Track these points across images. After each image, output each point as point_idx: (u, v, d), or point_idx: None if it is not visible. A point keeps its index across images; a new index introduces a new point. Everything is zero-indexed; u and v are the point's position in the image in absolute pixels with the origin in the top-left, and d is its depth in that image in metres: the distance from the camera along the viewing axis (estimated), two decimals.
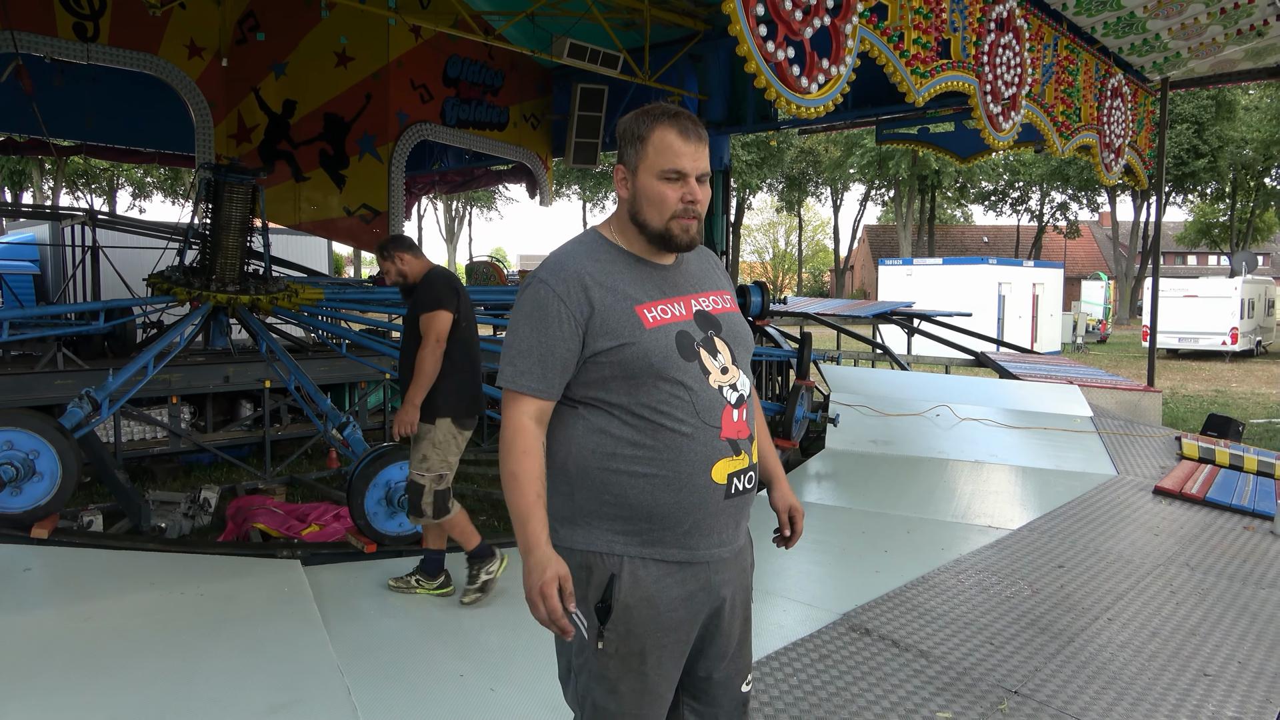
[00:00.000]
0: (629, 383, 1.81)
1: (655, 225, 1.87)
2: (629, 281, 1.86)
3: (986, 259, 25.78)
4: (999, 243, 53.98)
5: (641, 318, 1.82)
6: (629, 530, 1.83)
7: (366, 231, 9.60)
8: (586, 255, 1.89)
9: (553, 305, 1.81)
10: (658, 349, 1.81)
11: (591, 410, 1.85)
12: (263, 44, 9.14)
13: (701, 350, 1.86)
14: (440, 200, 44.66)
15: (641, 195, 1.87)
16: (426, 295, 4.12)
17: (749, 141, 37.30)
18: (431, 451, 4.11)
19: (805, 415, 7.54)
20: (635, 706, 1.86)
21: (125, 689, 3.13)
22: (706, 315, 1.92)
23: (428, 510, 4.10)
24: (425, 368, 4.03)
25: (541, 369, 1.82)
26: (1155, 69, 10.28)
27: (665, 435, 1.81)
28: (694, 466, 1.82)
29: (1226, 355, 22.71)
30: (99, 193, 38.12)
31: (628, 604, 1.81)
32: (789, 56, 5.23)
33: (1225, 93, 35.21)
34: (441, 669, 3.39)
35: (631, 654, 1.83)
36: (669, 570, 1.84)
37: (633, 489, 1.81)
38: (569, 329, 1.81)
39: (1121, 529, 5.51)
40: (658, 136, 1.84)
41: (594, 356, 1.82)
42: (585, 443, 1.84)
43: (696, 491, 1.83)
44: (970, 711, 3.10)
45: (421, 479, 4.10)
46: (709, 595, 1.90)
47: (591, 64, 8.12)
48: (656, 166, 1.84)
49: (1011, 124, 7.49)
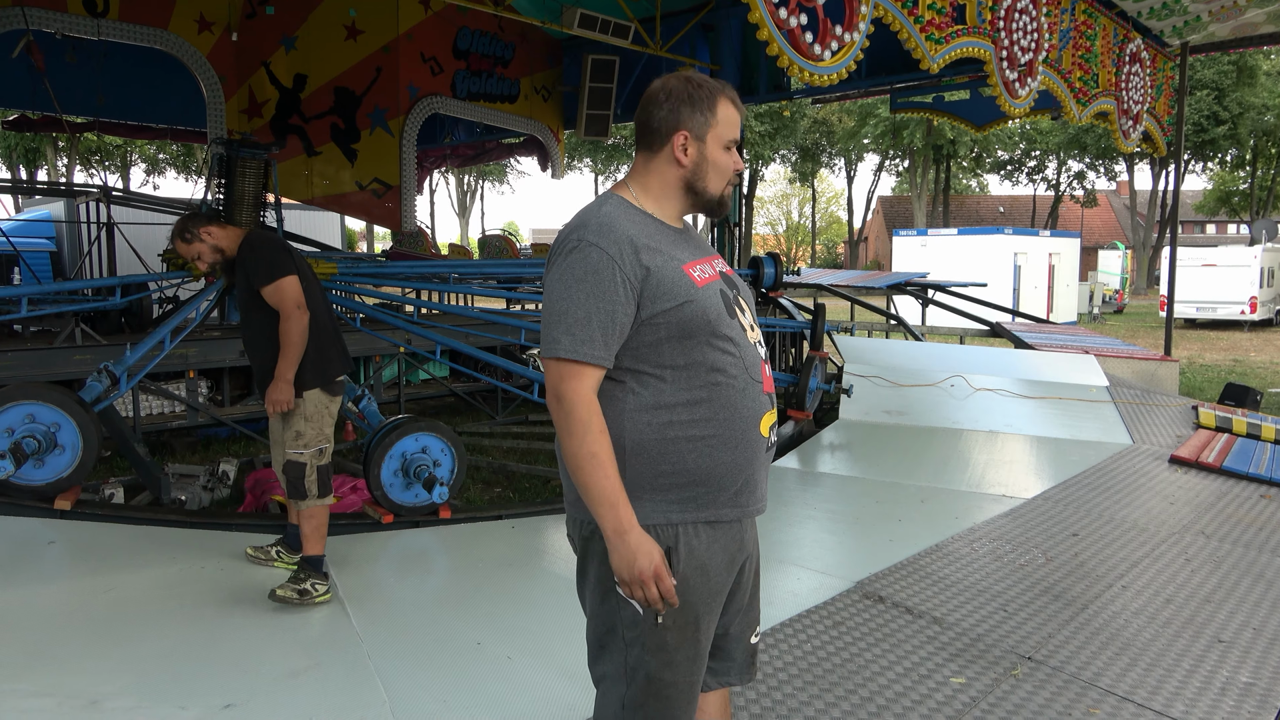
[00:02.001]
0: (684, 343, 1.82)
1: (714, 191, 1.93)
2: (668, 243, 1.88)
3: (1002, 229, 25.53)
4: (1015, 212, 53.51)
5: (691, 277, 1.85)
6: (685, 497, 1.83)
7: (379, 206, 9.60)
8: (625, 217, 1.85)
9: (607, 268, 1.76)
10: (713, 306, 1.84)
11: (640, 379, 1.82)
12: (272, 18, 9.10)
13: (736, 308, 1.92)
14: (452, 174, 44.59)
15: (710, 163, 1.91)
16: (259, 265, 3.77)
17: (762, 112, 37.01)
18: (305, 426, 3.84)
19: (819, 386, 7.52)
20: (689, 674, 1.88)
21: (146, 658, 3.19)
22: (728, 276, 1.97)
23: (312, 489, 3.83)
24: (293, 339, 3.72)
25: (604, 336, 1.75)
26: (1175, 33, 10.10)
27: (722, 392, 1.83)
28: (747, 421, 1.86)
29: (1245, 324, 22.49)
30: (113, 169, 38.25)
31: (685, 574, 1.82)
32: (802, 23, 5.18)
33: (1246, 58, 34.60)
34: (459, 637, 3.43)
35: (688, 623, 1.85)
36: (716, 534, 1.86)
37: (691, 453, 1.82)
38: (625, 293, 1.76)
39: (1137, 497, 5.50)
40: (723, 108, 1.90)
41: (651, 319, 1.79)
42: (639, 416, 1.81)
43: (750, 446, 1.87)
44: (983, 677, 3.12)
45: (301, 456, 3.83)
46: (742, 553, 1.95)
47: (602, 34, 8.05)
48: (725, 137, 1.91)
49: (1028, 91, 7.39)
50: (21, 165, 32.78)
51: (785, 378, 7.70)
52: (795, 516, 5.15)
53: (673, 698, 1.87)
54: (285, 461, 3.84)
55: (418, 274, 7.44)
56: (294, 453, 3.83)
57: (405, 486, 4.85)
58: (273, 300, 3.73)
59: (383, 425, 4.96)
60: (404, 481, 4.85)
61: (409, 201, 9.45)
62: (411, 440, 4.86)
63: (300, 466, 3.82)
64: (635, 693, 1.87)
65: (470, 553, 4.57)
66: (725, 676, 2.05)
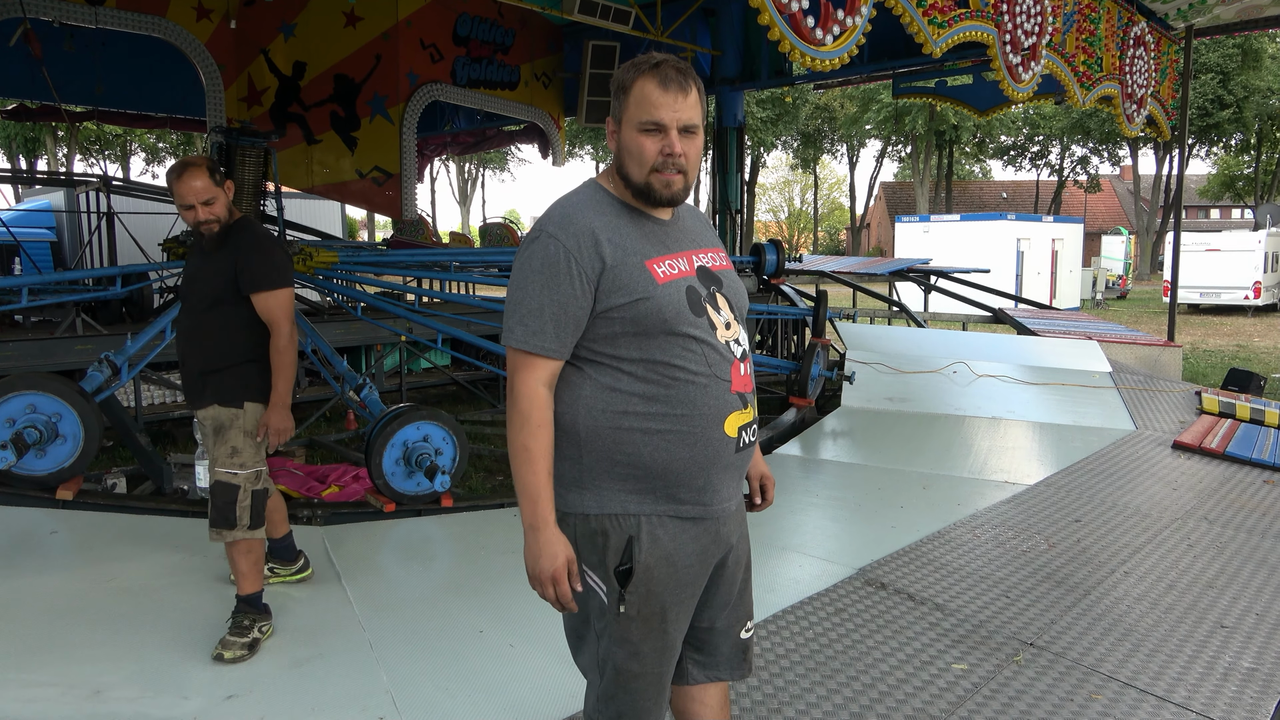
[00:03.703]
0: (641, 338, 1.78)
1: (636, 179, 1.82)
2: (635, 236, 1.82)
3: (1005, 215, 25.46)
4: (1018, 198, 53.30)
5: (652, 272, 1.79)
6: (643, 489, 1.81)
7: (380, 194, 9.56)
8: (591, 208, 1.83)
9: (563, 261, 1.75)
10: (670, 304, 1.78)
11: (599, 369, 1.81)
12: (271, 5, 9.05)
13: (708, 306, 1.85)
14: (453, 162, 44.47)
15: (623, 148, 1.82)
16: (263, 265, 3.32)
17: (764, 98, 36.80)
18: (245, 443, 3.32)
19: (821, 373, 7.52)
20: (657, 665, 1.87)
21: (149, 647, 3.20)
22: (708, 271, 1.90)
23: (243, 518, 3.29)
24: (289, 358, 3.32)
25: (555, 328, 1.76)
26: (1180, 16, 10.03)
27: (680, 388, 1.79)
28: (708, 420, 1.81)
29: (1249, 310, 22.43)
30: (112, 159, 38.19)
31: (648, 565, 1.81)
32: (803, 8, 5.14)
33: (1252, 41, 34.35)
34: (461, 625, 3.44)
35: (653, 614, 1.83)
36: (684, 527, 1.84)
37: (647, 447, 1.79)
38: (580, 286, 1.76)
39: (1139, 483, 5.49)
40: (638, 87, 1.79)
41: (606, 312, 1.78)
42: (595, 402, 1.80)
43: (711, 445, 1.81)
44: (985, 663, 3.12)
45: (235, 478, 3.28)
46: (719, 547, 1.91)
47: (603, 20, 7.99)
48: (636, 118, 1.79)
49: (1031, 75, 7.34)
50: (21, 155, 32.74)
51: (787, 365, 7.69)
52: (797, 503, 5.14)
53: (639, 690, 1.86)
54: (215, 482, 3.30)
55: (419, 262, 7.42)
56: (227, 473, 3.29)
57: (407, 475, 4.85)
58: (264, 308, 3.30)
59: (384, 414, 4.95)
60: (406, 470, 4.85)
61: (409, 190, 9.42)
62: (413, 429, 4.86)
63: (233, 490, 3.28)
64: (607, 684, 1.88)
65: (472, 541, 4.58)
66: (714, 670, 2.03)
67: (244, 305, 3.31)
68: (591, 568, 1.83)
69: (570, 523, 1.84)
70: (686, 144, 1.80)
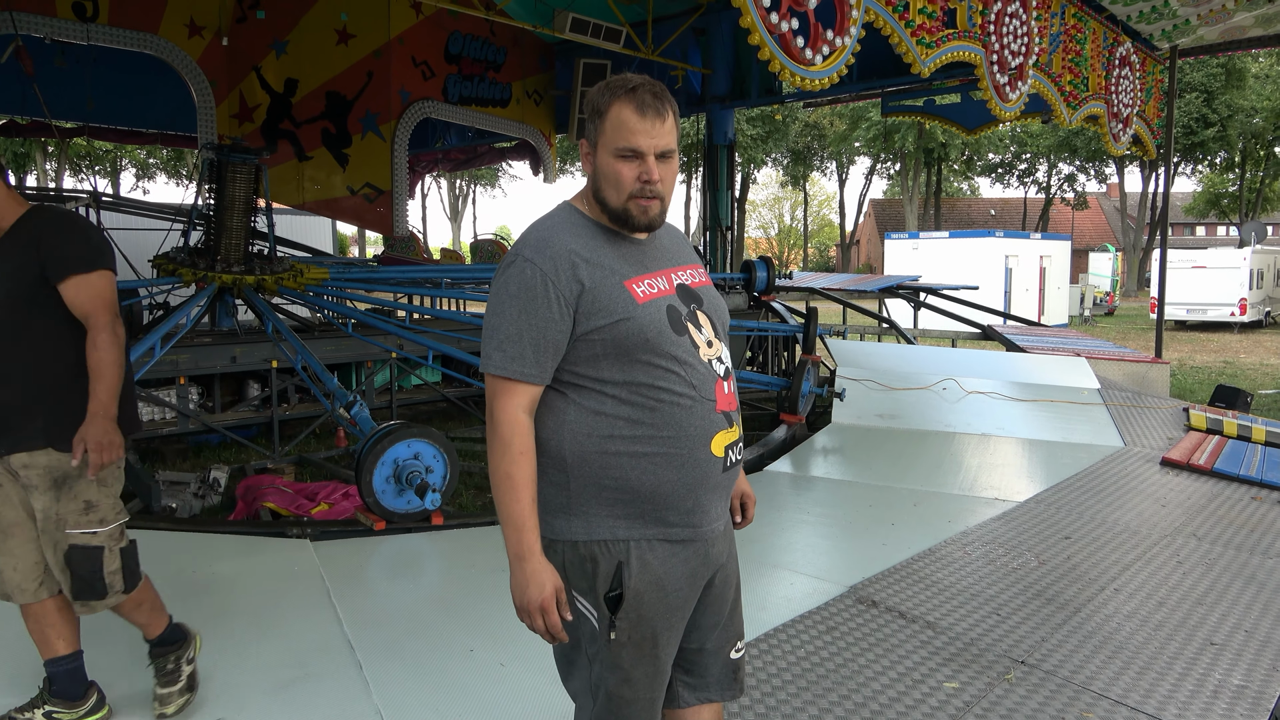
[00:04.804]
0: (622, 360, 1.77)
1: (613, 204, 1.80)
2: (612, 256, 1.81)
3: (993, 231, 25.65)
4: (1005, 215, 53.66)
5: (632, 293, 1.78)
6: (632, 514, 1.79)
7: (370, 211, 9.58)
8: (568, 230, 1.82)
9: (540, 285, 1.73)
10: (652, 324, 1.77)
11: (583, 393, 1.79)
12: (263, 22, 9.09)
13: (689, 324, 1.83)
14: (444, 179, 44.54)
15: (600, 173, 1.81)
16: (76, 245, 2.59)
17: (753, 116, 37.04)
18: (100, 494, 2.62)
19: (811, 390, 7.53)
20: (649, 690, 1.85)
21: (136, 667, 3.17)
22: (688, 289, 1.88)
23: (115, 583, 2.64)
24: (109, 359, 2.54)
25: (535, 353, 1.74)
26: (1164, 36, 10.16)
27: (665, 410, 1.77)
28: (694, 441, 1.79)
29: (1235, 326, 22.61)
30: (102, 174, 38.12)
31: (638, 590, 1.79)
32: (793, 28, 5.19)
33: (1235, 61, 34.81)
34: (452, 644, 3.42)
35: (644, 639, 1.81)
36: (674, 550, 1.82)
37: (634, 470, 1.77)
38: (559, 310, 1.74)
39: (1128, 500, 5.51)
40: (614, 112, 1.76)
41: (587, 335, 1.76)
42: (579, 427, 1.78)
43: (699, 466, 1.80)
44: (977, 681, 3.12)
45: (94, 539, 2.59)
46: (708, 568, 1.90)
47: (594, 39, 8.06)
48: (613, 144, 1.77)
49: (1018, 94, 7.42)
50: (10, 170, 32.63)
51: (778, 381, 7.70)
52: (788, 521, 5.14)
53: (631, 715, 1.85)
54: (69, 549, 2.56)
55: (410, 279, 7.42)
56: (84, 534, 2.58)
57: (398, 493, 4.83)
58: (77, 298, 2.55)
59: (375, 431, 4.94)
60: (396, 488, 4.83)
61: (401, 206, 9.44)
62: (404, 446, 4.84)
63: (96, 553, 2.59)
64: (600, 710, 1.85)
65: (463, 559, 4.56)
66: (705, 692, 2.01)
67: (59, 306, 2.57)
68: (582, 594, 1.82)
69: (559, 549, 1.81)
70: (663, 169, 1.79)
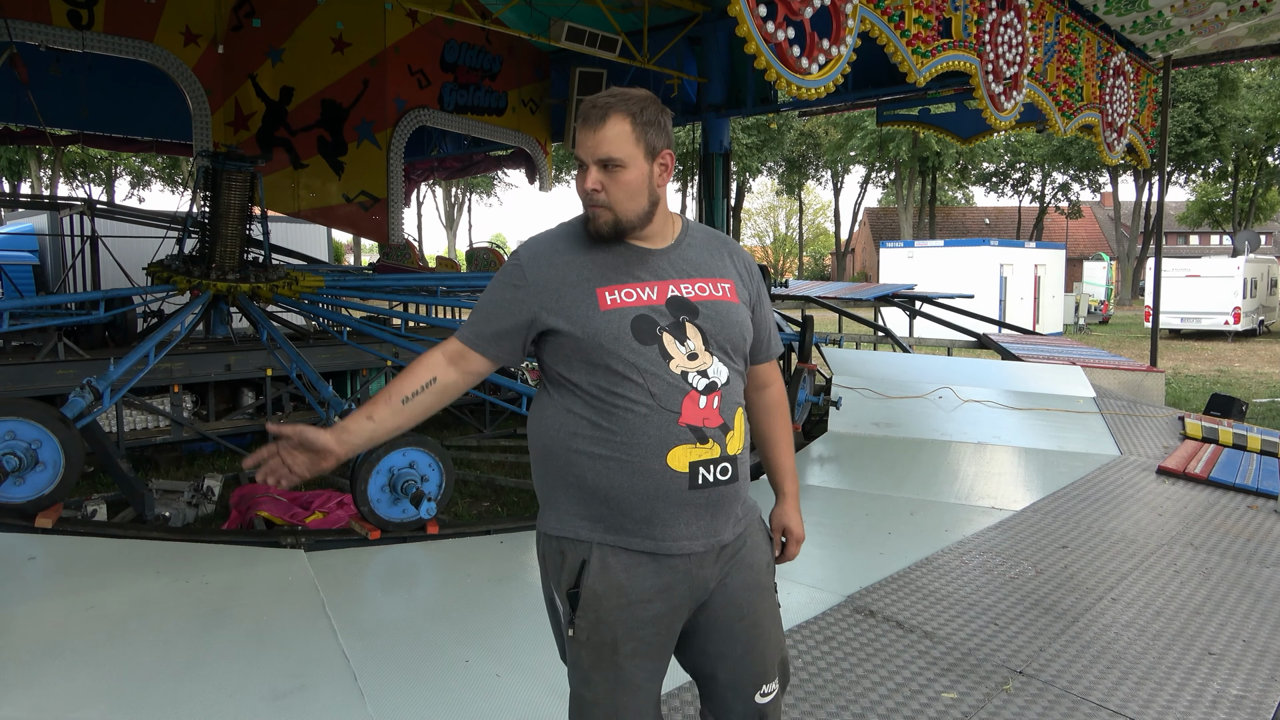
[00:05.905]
0: (586, 363, 1.81)
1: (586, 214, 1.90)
2: (595, 263, 1.85)
3: (988, 240, 25.68)
4: (1000, 224, 53.82)
5: (599, 299, 1.81)
6: (592, 515, 1.82)
7: (366, 219, 9.56)
8: (565, 235, 1.91)
9: (513, 278, 1.87)
10: (608, 331, 1.78)
11: (560, 390, 1.87)
12: (259, 30, 9.08)
13: (665, 335, 1.80)
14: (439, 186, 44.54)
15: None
16: None
17: (749, 124, 37.18)
18: None
19: (808, 399, 7.53)
20: (609, 696, 1.84)
21: (130, 677, 3.14)
22: (681, 300, 1.85)
23: None
24: None
25: (481, 323, 1.89)
26: (1158, 47, 10.21)
27: (619, 415, 1.78)
28: (647, 450, 1.77)
29: (1229, 335, 22.67)
30: (97, 182, 38.06)
31: (597, 591, 1.80)
32: (789, 37, 5.20)
33: (1228, 71, 35.02)
34: (447, 655, 3.39)
35: (603, 644, 1.80)
36: (640, 560, 1.81)
37: (590, 470, 1.80)
38: (517, 305, 1.85)
39: (1125, 509, 5.51)
40: (578, 128, 1.86)
41: (550, 334, 1.84)
42: (553, 423, 1.86)
43: (650, 476, 1.78)
44: (975, 691, 3.10)
45: None
46: (692, 589, 1.85)
47: (590, 47, 8.07)
48: (579, 157, 1.85)
49: (1013, 104, 7.44)
50: (4, 178, 32.58)
51: None
52: None
53: (592, 718, 1.87)
54: None
55: (405, 287, 7.41)
56: None
57: (392, 502, 4.81)
58: None
59: None
60: (391, 497, 4.81)
61: (396, 214, 9.43)
62: (399, 455, 4.82)
63: None
64: (570, 706, 1.92)
65: (458, 569, 4.53)
66: None
67: None
68: (555, 586, 1.87)
69: (540, 540, 1.90)
70: (606, 178, 1.80)
